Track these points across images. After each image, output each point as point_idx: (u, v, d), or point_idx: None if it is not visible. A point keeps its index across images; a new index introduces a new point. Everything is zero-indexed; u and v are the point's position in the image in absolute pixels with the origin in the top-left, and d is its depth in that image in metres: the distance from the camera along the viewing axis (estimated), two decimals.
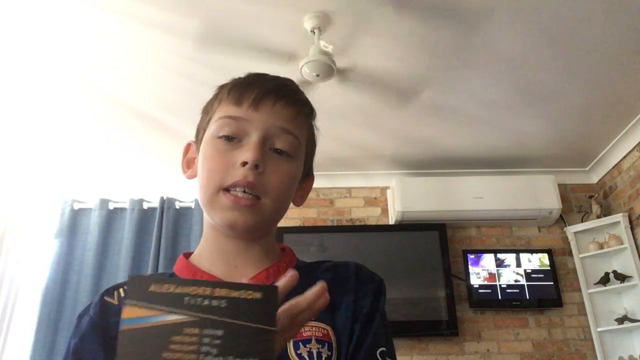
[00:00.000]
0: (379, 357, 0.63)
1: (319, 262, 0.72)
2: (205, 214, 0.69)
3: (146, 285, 0.42)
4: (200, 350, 0.41)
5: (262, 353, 0.41)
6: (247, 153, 0.62)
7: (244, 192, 0.62)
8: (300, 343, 0.61)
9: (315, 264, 0.72)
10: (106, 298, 0.67)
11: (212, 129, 0.67)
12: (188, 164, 0.74)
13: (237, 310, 0.42)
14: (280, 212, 0.68)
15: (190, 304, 0.42)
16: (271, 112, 0.65)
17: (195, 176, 0.70)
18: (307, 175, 0.75)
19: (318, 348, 0.61)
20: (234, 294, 0.43)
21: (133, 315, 0.41)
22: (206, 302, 0.42)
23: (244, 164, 0.62)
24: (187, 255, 0.71)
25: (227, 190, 0.63)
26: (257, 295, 0.43)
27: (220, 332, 0.41)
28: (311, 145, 0.73)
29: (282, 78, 0.71)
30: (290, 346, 0.61)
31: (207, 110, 0.71)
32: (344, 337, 0.63)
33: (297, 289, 0.66)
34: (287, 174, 0.66)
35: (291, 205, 0.72)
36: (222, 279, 0.65)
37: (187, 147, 0.75)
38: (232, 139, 0.65)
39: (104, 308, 0.65)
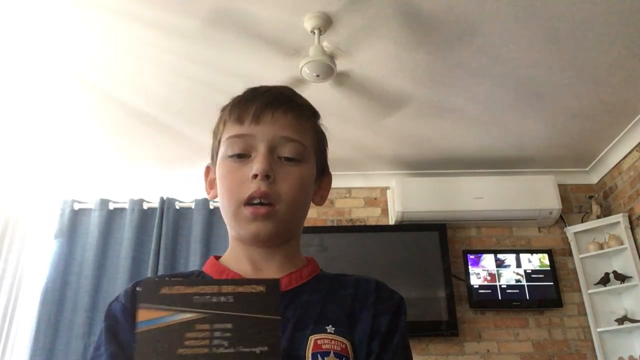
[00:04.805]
0: None
1: (340, 275, 0.75)
2: (228, 227, 0.73)
3: (158, 289, 0.46)
4: (212, 343, 0.44)
5: (270, 340, 0.45)
6: (256, 165, 0.66)
7: (260, 202, 0.66)
8: (318, 355, 0.62)
9: (338, 276, 0.75)
10: (138, 288, 0.69)
11: (222, 150, 0.71)
12: (210, 185, 0.77)
13: (243, 304, 0.46)
14: (298, 215, 0.71)
15: (200, 302, 0.46)
16: (272, 123, 0.69)
17: (217, 196, 0.74)
18: (323, 173, 0.78)
19: None
20: (240, 289, 0.46)
21: (147, 317, 0.46)
22: (214, 299, 0.46)
23: (255, 176, 0.66)
24: (217, 258, 0.75)
25: (246, 204, 0.67)
26: (261, 288, 0.47)
27: (229, 326, 0.45)
28: (320, 144, 0.76)
29: (277, 87, 0.74)
30: (309, 358, 0.61)
31: (216, 134, 0.75)
32: (360, 352, 0.64)
33: (320, 298, 0.68)
34: (298, 178, 0.69)
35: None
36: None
37: (207, 170, 0.78)
38: (242, 156, 0.69)
39: (134, 297, 0.67)
